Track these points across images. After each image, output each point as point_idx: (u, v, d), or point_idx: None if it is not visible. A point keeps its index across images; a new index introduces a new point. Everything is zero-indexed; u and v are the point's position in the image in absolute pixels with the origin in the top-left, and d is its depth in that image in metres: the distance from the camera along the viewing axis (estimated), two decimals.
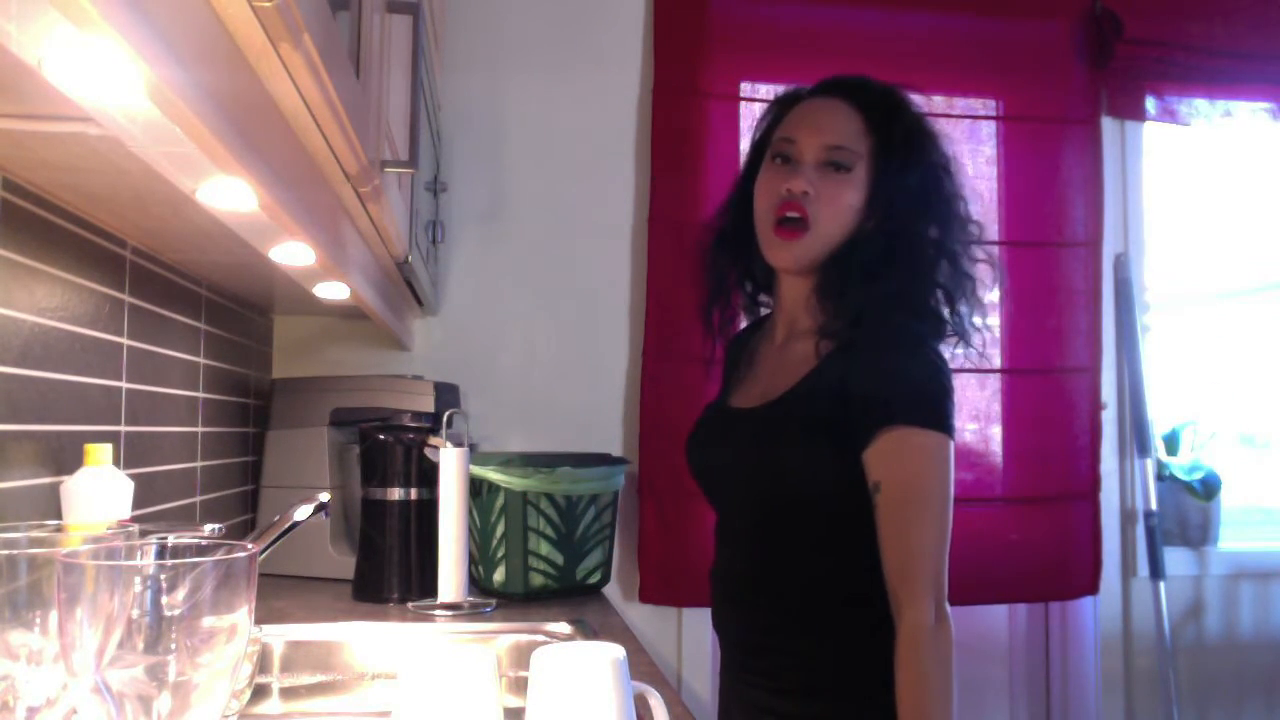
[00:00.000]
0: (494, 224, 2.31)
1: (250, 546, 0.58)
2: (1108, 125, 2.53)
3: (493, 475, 1.81)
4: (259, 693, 1.44)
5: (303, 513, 1.31)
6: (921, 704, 1.17)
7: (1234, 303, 2.79)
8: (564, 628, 1.57)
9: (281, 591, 1.78)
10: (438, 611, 1.63)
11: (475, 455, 1.80)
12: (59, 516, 1.10)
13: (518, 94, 2.33)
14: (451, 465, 1.68)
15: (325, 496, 1.35)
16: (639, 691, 0.81)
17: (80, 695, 0.55)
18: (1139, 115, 2.54)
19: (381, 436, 1.79)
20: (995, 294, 2.37)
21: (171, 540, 0.62)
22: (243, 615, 0.57)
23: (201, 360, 1.70)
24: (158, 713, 0.55)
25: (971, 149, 2.45)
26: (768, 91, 2.42)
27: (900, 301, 1.30)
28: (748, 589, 1.37)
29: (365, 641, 1.51)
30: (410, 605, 1.69)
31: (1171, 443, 2.61)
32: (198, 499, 1.69)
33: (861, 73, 1.41)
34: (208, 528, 1.20)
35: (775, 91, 2.41)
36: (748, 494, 1.35)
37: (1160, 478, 2.52)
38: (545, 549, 1.84)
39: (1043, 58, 2.47)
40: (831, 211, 1.32)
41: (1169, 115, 2.55)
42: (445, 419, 1.72)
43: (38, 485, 1.10)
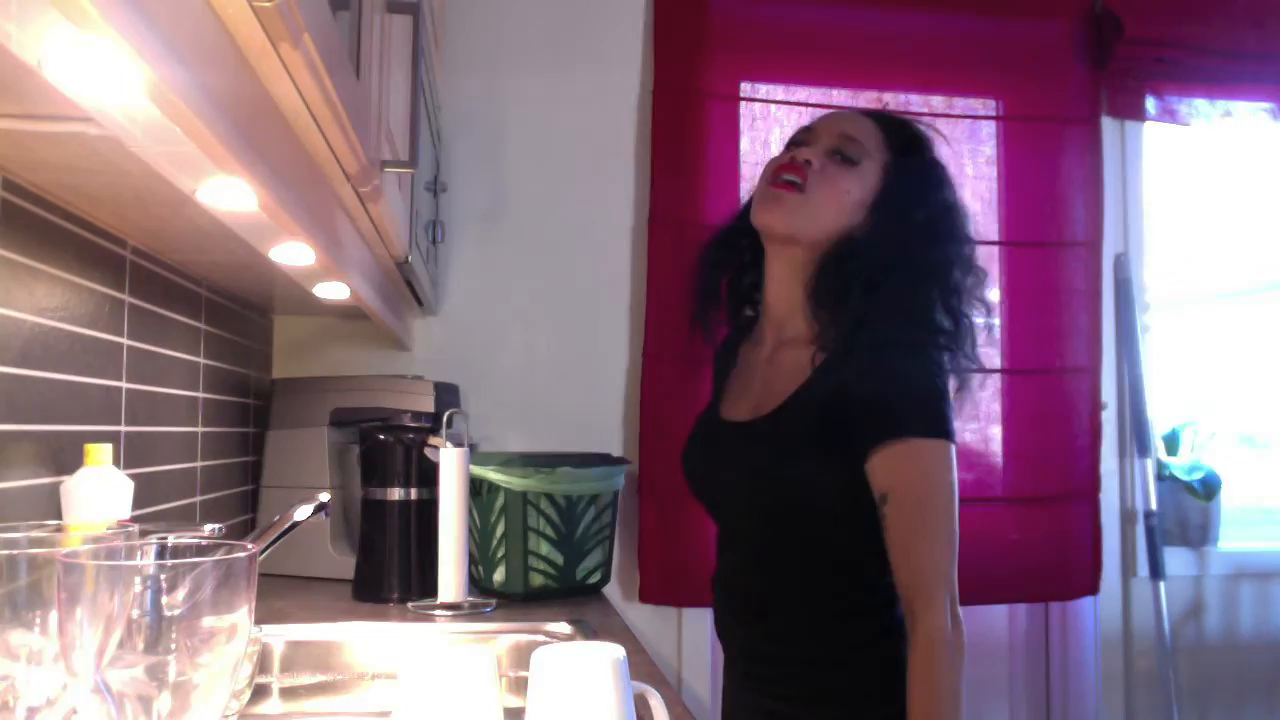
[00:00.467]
0: (494, 224, 2.31)
1: (250, 546, 0.58)
2: (1108, 125, 2.53)
3: (493, 475, 1.81)
4: (259, 693, 1.44)
5: (303, 513, 1.31)
6: (938, 709, 1.16)
7: (1234, 303, 2.78)
8: (564, 628, 1.57)
9: (281, 591, 1.78)
10: (438, 611, 1.63)
11: (475, 455, 1.80)
12: (59, 516, 1.10)
13: (518, 94, 2.33)
14: (451, 465, 1.68)
15: (325, 496, 1.35)
16: (639, 691, 0.81)
17: (80, 695, 0.55)
18: (1139, 115, 2.54)
19: (381, 436, 1.79)
20: (995, 293, 2.41)
21: (171, 540, 0.62)
22: (243, 615, 0.57)
23: (201, 360, 1.70)
24: (158, 713, 0.55)
25: (971, 149, 2.45)
26: (768, 91, 2.42)
27: (900, 310, 1.29)
28: (752, 599, 1.37)
29: (365, 641, 1.51)
30: (410, 605, 1.68)
31: (1171, 443, 2.61)
32: (198, 499, 1.69)
33: (862, 73, 1.42)
34: (208, 528, 1.20)
35: (775, 92, 2.45)
36: (750, 507, 1.35)
37: (1160, 478, 2.52)
38: (545, 549, 1.84)
39: (1043, 58, 2.47)
40: (829, 192, 1.31)
41: (1169, 115, 2.55)
42: (445, 419, 1.72)
43: (38, 485, 1.10)
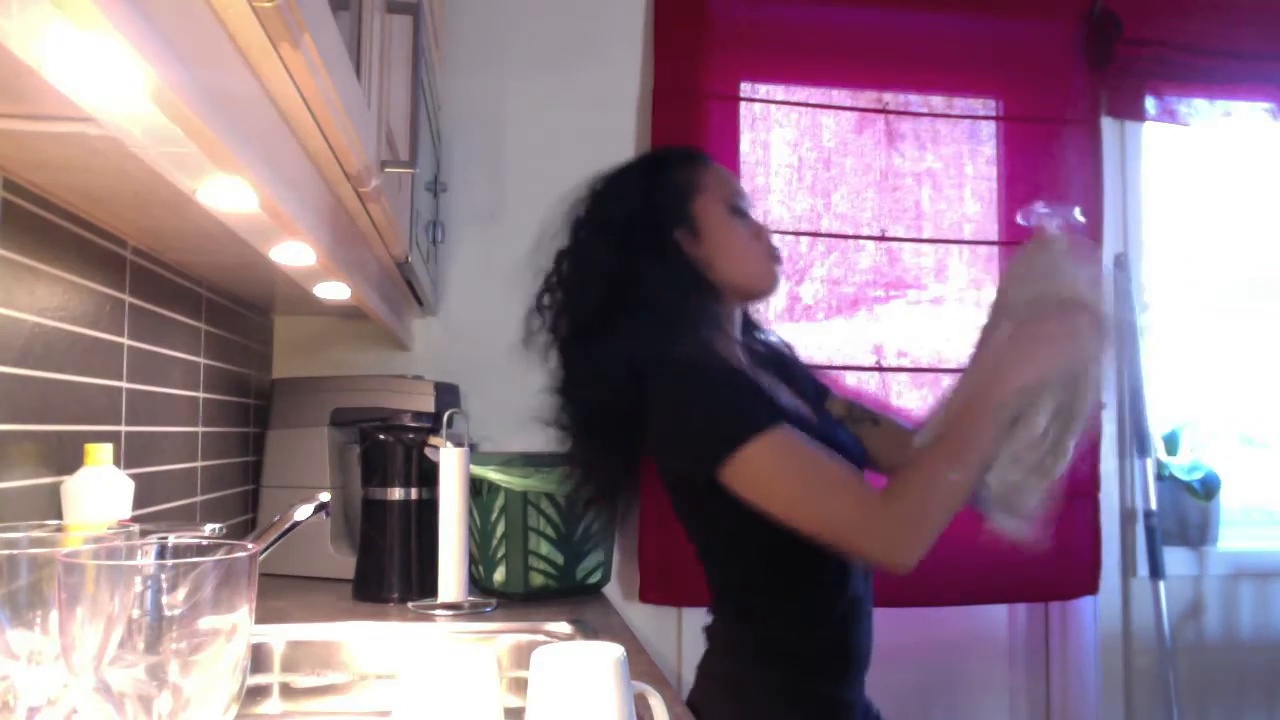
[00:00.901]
0: (494, 224, 2.30)
1: (250, 546, 0.58)
2: (1107, 125, 2.52)
3: (493, 475, 1.81)
4: (259, 693, 1.45)
5: (303, 513, 1.31)
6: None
7: (1234, 303, 2.78)
8: (564, 628, 1.57)
9: (281, 591, 1.77)
10: (438, 611, 1.63)
11: (475, 455, 1.80)
12: (59, 516, 1.10)
13: (518, 94, 2.33)
14: (451, 465, 1.67)
15: (325, 496, 1.35)
16: (639, 691, 0.81)
17: (80, 695, 0.55)
18: (1139, 115, 2.54)
19: (381, 436, 1.79)
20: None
21: (172, 540, 0.62)
22: (243, 615, 0.57)
23: (202, 360, 1.70)
24: (158, 713, 0.55)
25: (971, 149, 2.45)
26: (768, 91, 2.41)
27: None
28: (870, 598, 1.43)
29: (365, 641, 1.51)
30: (410, 605, 1.68)
31: (1171, 443, 2.61)
32: (198, 499, 1.69)
33: (862, 73, 1.43)
34: (208, 528, 1.20)
35: (775, 92, 2.45)
36: None
37: (1160, 478, 2.51)
38: (545, 549, 1.83)
39: (1042, 58, 2.47)
40: None
41: (1169, 115, 2.55)
42: (445, 419, 1.72)
43: (38, 485, 1.10)
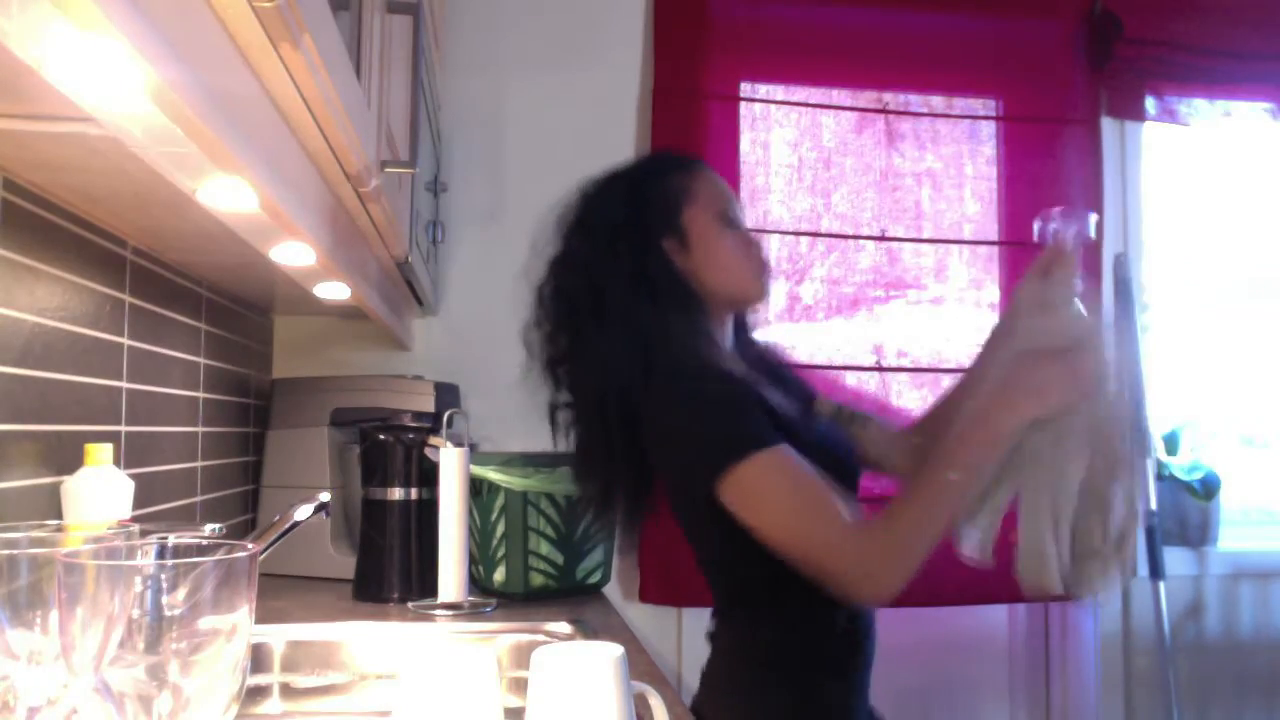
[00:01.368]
0: (494, 224, 2.30)
1: (251, 546, 0.58)
2: (1107, 125, 2.52)
3: (493, 475, 1.81)
4: (259, 693, 1.45)
5: (303, 513, 1.31)
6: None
7: (1234, 303, 2.78)
8: (564, 628, 1.57)
9: (281, 591, 1.77)
10: (438, 611, 1.63)
11: (475, 455, 1.80)
12: (59, 516, 1.10)
13: (518, 94, 2.33)
14: (451, 465, 1.67)
15: (325, 496, 1.35)
16: (639, 691, 0.81)
17: (80, 695, 0.55)
18: (1139, 115, 2.54)
19: (381, 436, 1.79)
20: (995, 293, 2.40)
21: (172, 540, 0.62)
22: (243, 615, 0.57)
23: (202, 360, 1.70)
24: (158, 713, 0.55)
25: (971, 149, 2.45)
26: (768, 91, 2.41)
27: None
28: None
29: (365, 641, 1.51)
30: (410, 605, 1.68)
31: (1171, 443, 2.61)
32: (198, 499, 1.69)
33: (862, 73, 1.42)
34: (208, 528, 1.20)
35: (775, 92, 2.44)
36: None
37: (1160, 478, 2.51)
38: (545, 549, 1.83)
39: (1042, 58, 2.47)
40: None
41: (1169, 115, 2.55)
42: (445, 419, 1.72)
43: (38, 485, 1.10)
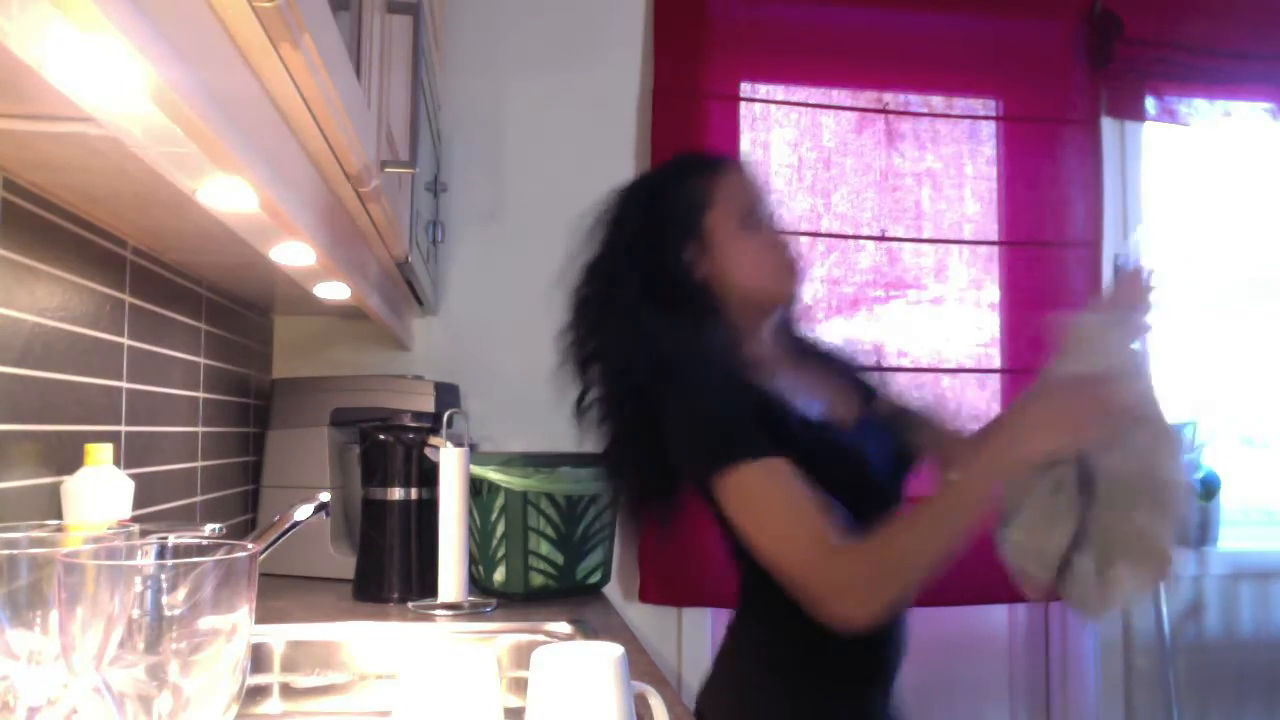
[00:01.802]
0: (494, 224, 2.31)
1: (251, 546, 0.58)
2: (1107, 125, 2.52)
3: (493, 475, 1.81)
4: (259, 693, 1.45)
5: (303, 513, 1.31)
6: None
7: (1234, 303, 2.78)
8: (564, 628, 1.57)
9: (281, 591, 1.77)
10: (438, 611, 1.63)
11: (475, 455, 1.80)
12: (59, 516, 1.10)
13: (518, 94, 2.33)
14: (451, 465, 1.67)
15: (325, 496, 1.35)
16: (639, 691, 0.81)
17: (80, 695, 0.55)
18: (1139, 115, 2.54)
19: (381, 436, 1.79)
20: (995, 293, 2.40)
21: (172, 540, 0.62)
22: (243, 615, 0.57)
23: (202, 360, 1.70)
24: (158, 713, 0.55)
25: (971, 149, 2.45)
26: (768, 91, 2.41)
27: None
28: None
29: (365, 641, 1.51)
30: (410, 605, 1.68)
31: None
32: (198, 499, 1.69)
33: (862, 73, 1.42)
34: (208, 528, 1.20)
35: (775, 92, 2.44)
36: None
37: None
38: (545, 549, 1.83)
39: (1042, 58, 2.47)
40: None
41: (1169, 115, 2.55)
42: (445, 419, 1.72)
43: (38, 485, 1.10)
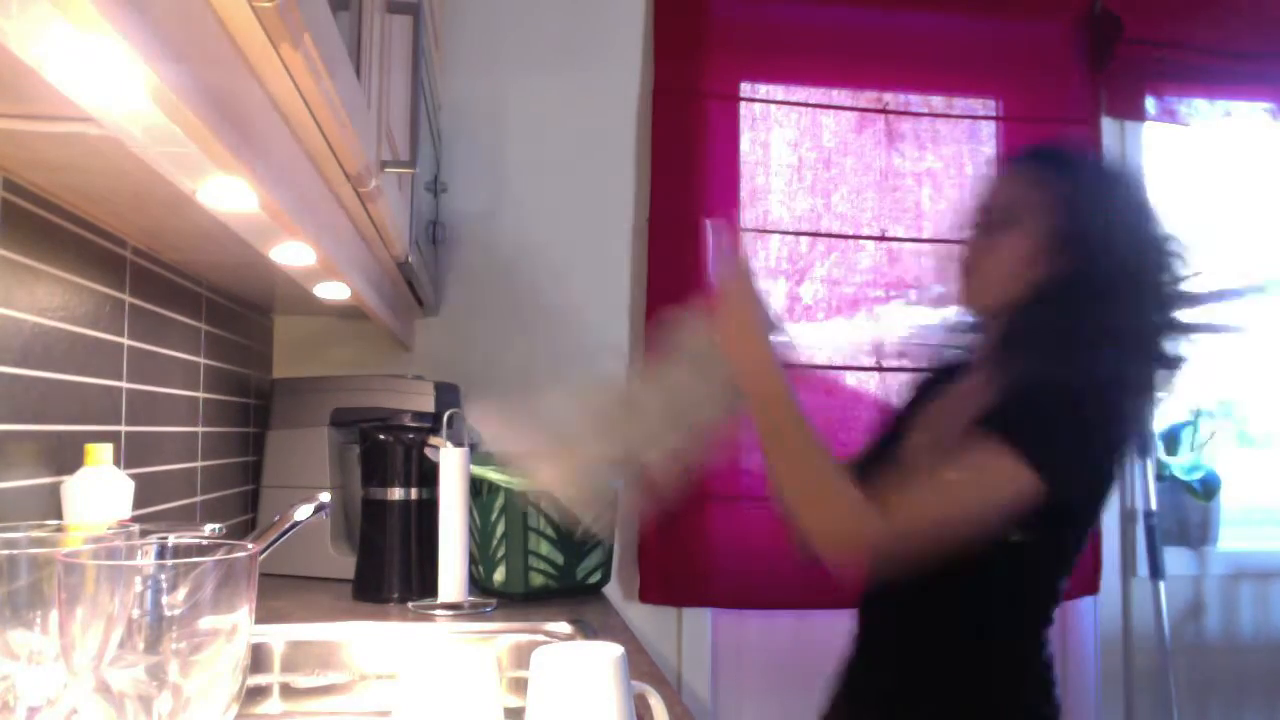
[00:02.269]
0: (494, 224, 2.31)
1: (250, 546, 0.58)
2: (1108, 125, 2.52)
3: (493, 475, 1.81)
4: (259, 693, 1.45)
5: (303, 513, 1.31)
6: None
7: (1233, 303, 2.78)
8: (564, 628, 1.57)
9: (281, 591, 1.77)
10: (438, 611, 1.63)
11: (475, 455, 1.80)
12: (59, 516, 1.10)
13: (518, 94, 2.33)
14: (451, 465, 1.67)
15: (325, 496, 1.35)
16: (639, 691, 0.81)
17: (80, 695, 0.55)
18: (1139, 115, 2.54)
19: (381, 436, 1.79)
20: None
21: (172, 540, 0.62)
22: (243, 615, 0.57)
23: (202, 360, 1.70)
24: (158, 713, 0.55)
25: (971, 149, 2.45)
26: (768, 91, 2.41)
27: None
28: None
29: (365, 641, 1.51)
30: (410, 605, 1.68)
31: (1171, 443, 2.61)
32: (198, 499, 1.69)
33: (862, 73, 1.40)
34: (208, 528, 1.20)
35: (775, 92, 2.45)
36: None
37: (1160, 478, 2.51)
38: (545, 549, 1.83)
39: (1042, 58, 2.47)
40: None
41: (1169, 115, 2.55)
42: (445, 419, 1.72)
43: (38, 485, 1.10)
